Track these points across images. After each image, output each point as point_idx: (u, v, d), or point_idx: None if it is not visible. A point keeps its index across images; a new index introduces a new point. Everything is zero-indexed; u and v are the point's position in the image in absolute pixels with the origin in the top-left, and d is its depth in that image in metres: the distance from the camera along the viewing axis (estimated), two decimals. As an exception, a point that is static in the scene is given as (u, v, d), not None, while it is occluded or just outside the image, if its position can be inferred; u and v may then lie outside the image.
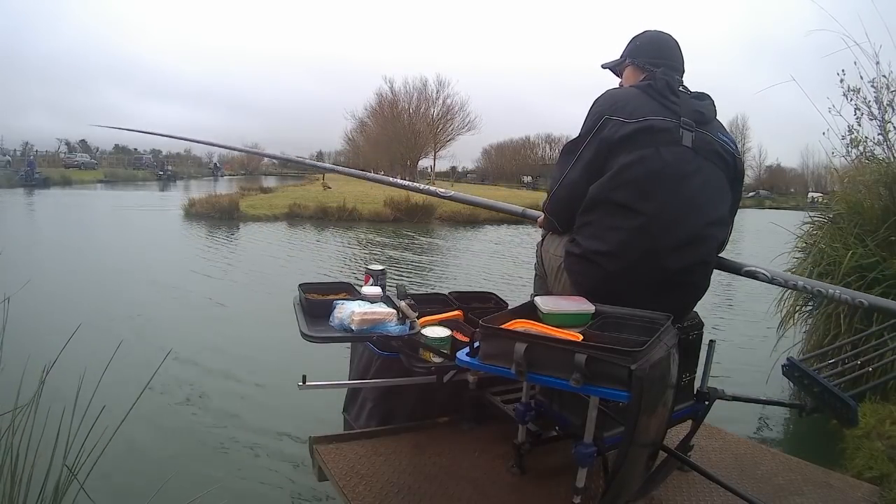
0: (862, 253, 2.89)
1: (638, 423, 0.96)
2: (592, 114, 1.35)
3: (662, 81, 1.33)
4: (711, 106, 1.39)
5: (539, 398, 1.40)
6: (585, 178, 1.33)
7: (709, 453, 1.61)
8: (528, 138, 57.41)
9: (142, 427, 2.49)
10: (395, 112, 41.76)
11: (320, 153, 74.45)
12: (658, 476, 1.33)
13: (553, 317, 1.18)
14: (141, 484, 1.96)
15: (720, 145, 1.35)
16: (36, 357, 1.35)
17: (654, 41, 1.45)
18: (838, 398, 1.37)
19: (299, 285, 1.59)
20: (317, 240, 10.15)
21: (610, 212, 1.29)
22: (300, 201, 14.00)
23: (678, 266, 1.28)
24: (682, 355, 1.19)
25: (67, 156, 38.26)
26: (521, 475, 1.40)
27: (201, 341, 3.86)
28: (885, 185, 3.09)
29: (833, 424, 2.32)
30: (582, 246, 1.32)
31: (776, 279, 1.44)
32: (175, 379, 3.09)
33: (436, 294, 1.95)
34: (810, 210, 3.90)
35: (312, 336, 1.33)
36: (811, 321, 3.21)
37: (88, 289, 5.35)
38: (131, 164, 40.93)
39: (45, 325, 3.53)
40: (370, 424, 1.68)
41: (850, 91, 3.47)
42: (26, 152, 34.76)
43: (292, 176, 42.61)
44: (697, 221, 1.29)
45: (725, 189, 1.37)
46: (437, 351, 1.49)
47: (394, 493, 1.31)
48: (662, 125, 1.28)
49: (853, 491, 1.46)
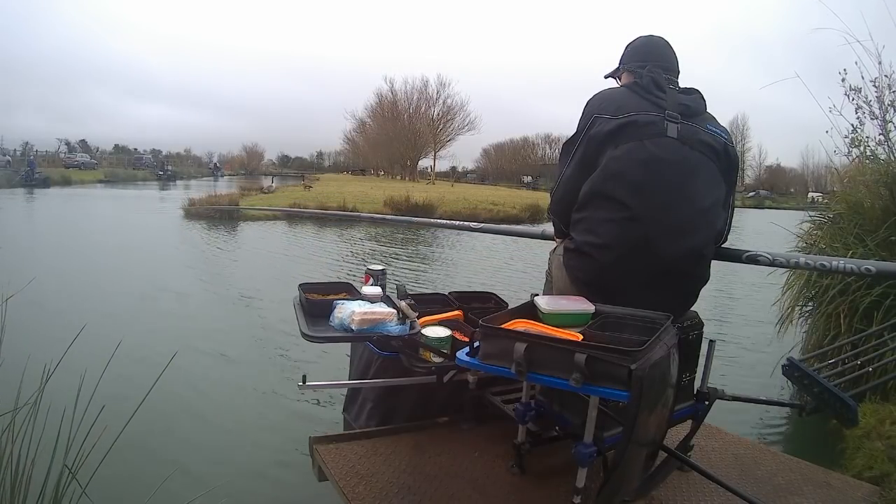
0: (862, 253, 2.89)
1: (637, 422, 0.96)
2: (584, 113, 1.41)
3: (648, 78, 1.38)
4: (700, 99, 1.43)
5: (539, 398, 1.40)
6: (580, 176, 1.38)
7: (709, 453, 1.61)
8: (527, 138, 57.51)
9: (141, 427, 2.48)
10: (396, 112, 41.79)
11: (320, 153, 74.69)
12: (658, 476, 1.34)
13: (553, 317, 1.18)
14: (140, 484, 1.95)
15: (708, 135, 1.37)
16: (36, 357, 1.35)
17: (642, 45, 1.51)
18: (838, 398, 1.37)
19: (299, 285, 1.59)
20: (317, 240, 10.15)
21: (601, 205, 1.33)
22: (300, 201, 14.01)
23: (671, 255, 1.29)
24: (682, 355, 1.19)
25: (67, 156, 38.28)
26: (521, 475, 1.40)
27: (201, 340, 3.86)
28: (886, 185, 3.09)
29: (833, 424, 2.32)
30: (577, 241, 1.37)
31: (777, 260, 1.46)
32: (175, 379, 3.08)
33: (436, 294, 1.95)
34: (810, 210, 3.90)
35: (312, 336, 1.33)
36: (811, 321, 3.21)
37: (89, 288, 5.34)
38: (131, 163, 40.98)
39: (45, 324, 3.53)
40: (370, 424, 1.68)
41: (851, 90, 3.46)
42: (26, 152, 34.80)
43: (292, 176, 42.61)
44: (687, 210, 1.31)
45: (716, 178, 1.37)
46: (437, 351, 1.49)
47: (394, 493, 1.31)
48: (646, 119, 1.33)
49: (853, 491, 1.45)
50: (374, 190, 16.36)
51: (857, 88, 3.45)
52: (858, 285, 2.77)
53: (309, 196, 15.82)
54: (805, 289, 3.23)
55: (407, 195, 14.30)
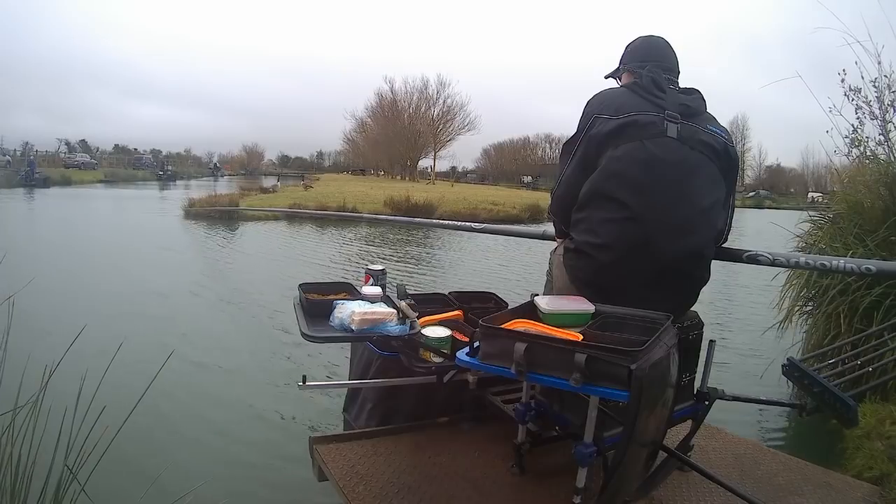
0: (862, 253, 2.89)
1: (637, 422, 0.96)
2: (584, 113, 1.41)
3: (647, 79, 1.39)
4: (700, 99, 1.43)
5: (539, 398, 1.40)
6: (580, 176, 1.38)
7: (709, 453, 1.61)
8: (527, 138, 57.54)
9: (141, 426, 2.49)
10: (396, 112, 41.81)
11: (320, 153, 74.77)
12: (658, 476, 1.34)
13: (553, 317, 1.18)
14: (139, 483, 1.95)
15: (708, 135, 1.37)
16: (36, 356, 1.35)
17: (642, 45, 1.52)
18: (838, 398, 1.37)
19: (299, 285, 1.59)
20: (317, 240, 10.15)
21: (601, 205, 1.33)
22: (300, 201, 14.01)
23: (671, 255, 1.29)
24: (682, 355, 1.19)
25: (67, 156, 38.30)
26: (521, 475, 1.40)
27: (202, 340, 3.86)
28: (886, 185, 3.08)
29: (833, 424, 2.31)
30: (577, 241, 1.37)
31: (777, 260, 1.46)
32: (175, 379, 3.08)
33: (436, 294, 1.95)
34: (810, 210, 3.89)
35: (312, 336, 1.33)
36: (811, 321, 3.21)
37: (89, 288, 5.34)
38: (131, 163, 41.02)
39: (45, 324, 3.53)
40: (370, 424, 1.68)
41: (851, 90, 3.46)
42: (26, 152, 34.76)
43: (292, 176, 42.67)
44: (687, 210, 1.31)
45: (716, 178, 1.38)
46: (437, 351, 1.49)
47: (394, 493, 1.31)
48: (646, 119, 1.33)
49: (853, 491, 1.45)
50: (374, 190, 16.37)
51: (857, 88, 3.44)
52: (858, 285, 2.76)
53: (309, 196, 15.82)
54: (805, 289, 3.23)
55: (407, 195, 14.31)
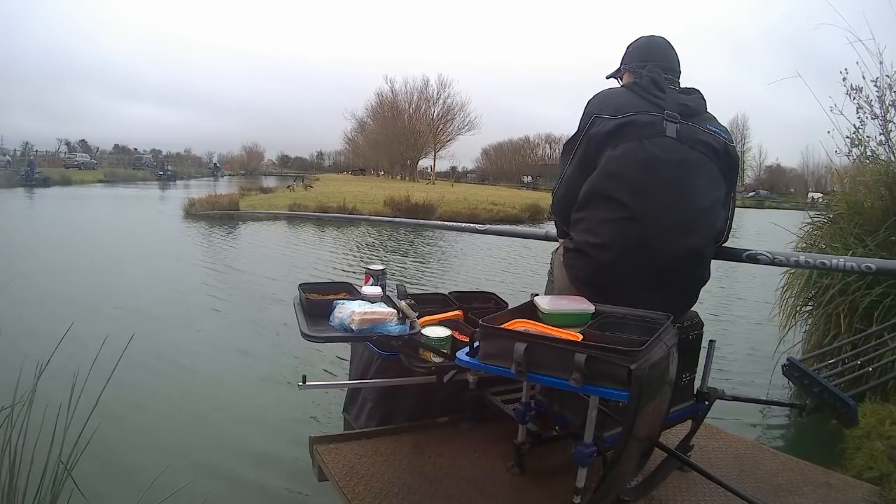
0: (862, 253, 2.89)
1: (637, 422, 0.96)
2: (584, 113, 1.42)
3: (647, 78, 1.39)
4: (700, 99, 1.43)
5: (539, 398, 1.40)
6: (580, 176, 1.39)
7: (709, 453, 1.61)
8: (527, 138, 57.54)
9: (140, 425, 2.49)
10: (396, 112, 41.80)
11: (320, 153, 74.80)
12: (658, 476, 1.33)
13: (553, 317, 1.18)
14: (138, 482, 1.95)
15: (708, 135, 1.37)
16: (32, 355, 1.35)
17: (643, 45, 1.52)
18: (838, 398, 1.37)
19: (299, 285, 1.58)
20: (317, 240, 10.15)
21: (600, 205, 1.33)
22: (300, 201, 14.00)
23: (671, 255, 1.29)
24: (682, 355, 1.19)
25: (67, 156, 38.32)
26: (521, 475, 1.39)
27: (201, 340, 3.86)
28: (886, 185, 3.08)
29: (833, 424, 2.32)
30: (577, 240, 1.37)
31: (777, 259, 1.46)
32: (175, 378, 3.09)
33: (436, 294, 1.95)
34: (810, 210, 3.89)
35: (312, 336, 1.33)
36: (811, 321, 3.21)
37: (89, 288, 5.34)
38: (131, 163, 41.00)
39: (43, 323, 3.53)
40: (370, 424, 1.68)
41: (852, 90, 3.46)
42: (26, 152, 34.80)
43: (292, 176, 42.64)
44: (687, 209, 1.31)
45: (716, 177, 1.37)
46: (437, 351, 1.49)
47: (394, 493, 1.31)
48: (645, 119, 1.33)
49: (853, 491, 1.45)
50: (374, 190, 16.37)
51: (859, 88, 3.45)
52: (858, 285, 2.76)
53: (309, 196, 15.81)
54: (805, 289, 3.23)
55: (407, 195, 14.30)
